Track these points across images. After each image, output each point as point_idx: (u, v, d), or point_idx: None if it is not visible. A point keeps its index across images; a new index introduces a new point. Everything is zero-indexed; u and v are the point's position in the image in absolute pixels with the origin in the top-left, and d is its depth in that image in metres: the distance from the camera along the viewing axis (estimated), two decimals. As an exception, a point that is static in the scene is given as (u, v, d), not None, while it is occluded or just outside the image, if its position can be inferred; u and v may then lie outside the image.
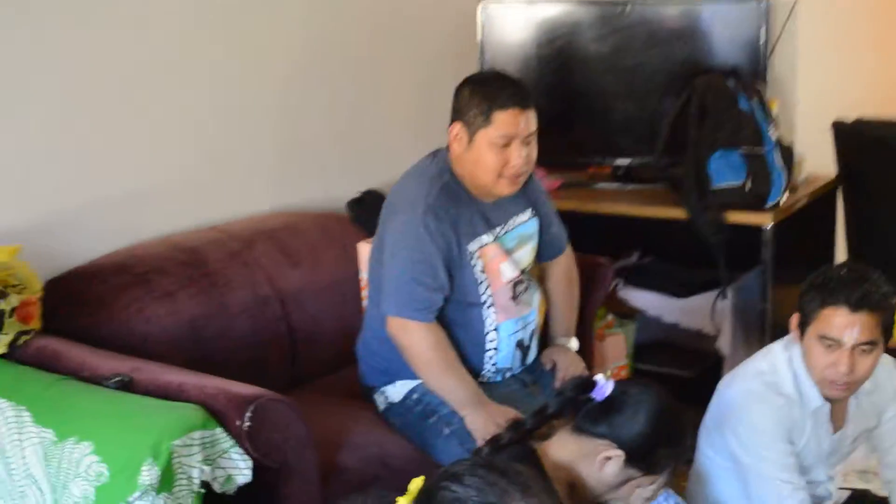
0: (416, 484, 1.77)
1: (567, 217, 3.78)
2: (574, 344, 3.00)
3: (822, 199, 4.03)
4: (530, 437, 2.25)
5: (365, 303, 3.15)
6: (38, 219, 2.82)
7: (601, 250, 3.63)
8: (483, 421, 2.57)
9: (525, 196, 2.89)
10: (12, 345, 2.52)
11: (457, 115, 2.71)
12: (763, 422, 2.58)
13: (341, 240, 3.36)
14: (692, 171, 3.60)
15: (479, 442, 2.51)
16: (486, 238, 2.75)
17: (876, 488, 2.95)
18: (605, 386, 2.20)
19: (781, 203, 3.64)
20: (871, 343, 2.48)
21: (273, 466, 2.32)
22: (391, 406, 2.81)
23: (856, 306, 2.45)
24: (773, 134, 3.64)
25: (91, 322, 2.72)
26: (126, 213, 3.05)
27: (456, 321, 2.74)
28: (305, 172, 3.61)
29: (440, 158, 2.79)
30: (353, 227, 3.46)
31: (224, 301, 2.94)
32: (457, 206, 2.71)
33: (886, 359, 2.79)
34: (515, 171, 2.68)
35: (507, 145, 2.66)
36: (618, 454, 2.16)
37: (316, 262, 3.25)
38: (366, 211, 3.51)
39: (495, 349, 2.78)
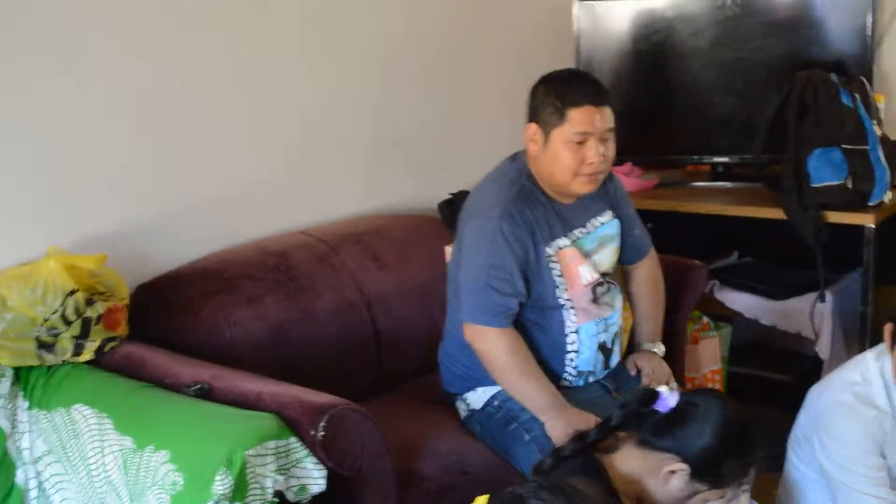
0: (481, 501, 1.76)
1: (664, 216, 3.76)
2: (660, 349, 2.94)
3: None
4: (596, 449, 2.21)
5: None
6: (129, 225, 2.88)
7: (699, 250, 3.57)
8: (563, 427, 2.53)
9: (605, 197, 2.85)
10: (99, 351, 2.58)
11: (532, 114, 2.69)
12: (852, 434, 2.50)
13: (431, 242, 3.35)
14: (791, 170, 3.50)
15: None
16: (563, 241, 2.72)
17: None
18: (669, 398, 2.15)
19: (886, 202, 3.51)
20: None
21: (348, 476, 2.33)
22: (473, 413, 2.79)
23: None
24: (877, 130, 3.51)
25: (178, 327, 2.77)
26: (216, 218, 3.09)
27: (535, 324, 2.72)
28: (398, 173, 3.63)
29: (519, 160, 2.76)
30: (444, 229, 3.45)
31: (310, 305, 2.96)
32: (534, 210, 2.68)
33: None
34: (593, 169, 2.65)
35: (582, 143, 2.62)
36: (683, 468, 2.11)
37: (403, 265, 3.25)
38: (456, 213, 3.49)
39: (576, 351, 2.74)
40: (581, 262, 2.73)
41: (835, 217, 3.51)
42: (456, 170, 3.71)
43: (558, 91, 2.64)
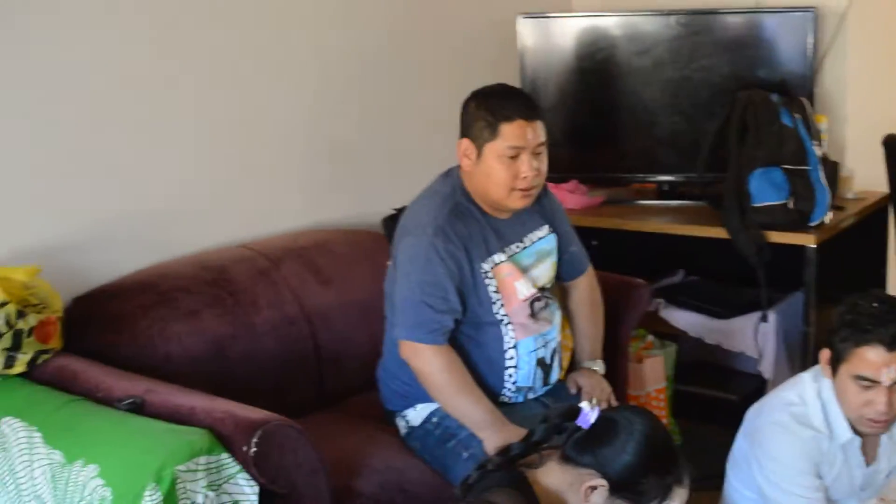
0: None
1: (610, 234, 3.77)
2: (600, 367, 2.93)
3: (872, 218, 3.91)
4: (521, 464, 2.18)
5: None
6: (65, 237, 2.83)
7: (645, 268, 3.57)
8: (500, 442, 2.51)
9: (542, 212, 2.85)
10: (31, 364, 2.53)
11: (465, 130, 2.69)
12: (789, 454, 2.51)
13: (373, 257, 3.32)
14: (732, 189, 3.52)
15: None
16: (499, 256, 2.71)
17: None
18: (589, 413, 2.13)
19: (826, 222, 3.54)
20: None
21: (281, 492, 2.30)
22: (412, 430, 2.77)
23: (892, 345, 2.37)
24: (817, 150, 3.54)
25: (113, 341, 2.72)
26: (154, 230, 3.05)
27: (473, 339, 2.70)
28: (340, 188, 3.60)
29: (453, 176, 2.75)
30: (387, 245, 3.41)
31: (249, 320, 2.92)
32: (468, 226, 2.67)
33: None
34: (527, 184, 2.64)
35: (515, 157, 2.62)
36: (602, 483, 2.09)
37: (345, 280, 3.22)
38: (400, 228, 3.49)
39: (515, 367, 2.73)
40: (518, 277, 2.72)
41: (776, 237, 3.53)
42: (399, 185, 3.67)
43: (490, 106, 2.64)
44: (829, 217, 3.54)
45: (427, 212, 2.68)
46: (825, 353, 2.52)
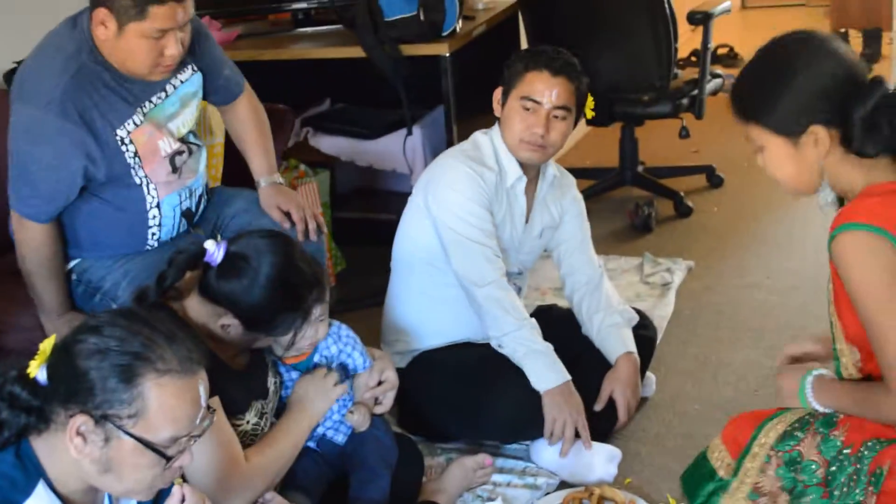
0: (48, 343, 1.66)
1: (250, 67, 3.61)
2: (279, 178, 2.86)
3: (502, 25, 4.03)
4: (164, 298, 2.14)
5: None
6: None
7: (290, 99, 3.52)
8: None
9: (188, 52, 2.62)
10: None
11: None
12: (461, 182, 2.66)
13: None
14: (364, 6, 3.52)
15: None
16: (137, 119, 2.53)
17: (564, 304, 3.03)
18: (215, 252, 2.11)
19: (458, 30, 3.61)
20: (566, 109, 2.65)
21: None
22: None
23: (556, 72, 2.63)
24: (441, -41, 3.58)
25: None
26: None
27: (112, 204, 2.56)
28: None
29: (80, 30, 2.48)
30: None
31: None
32: (96, 91, 2.46)
33: (571, 177, 2.95)
34: (172, 62, 2.47)
35: (161, 37, 2.42)
36: (234, 323, 2.10)
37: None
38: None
39: (158, 225, 2.63)
40: (159, 136, 2.57)
41: (410, 49, 3.57)
42: (15, 35, 3.41)
43: None
44: (459, 25, 3.61)
45: (47, 77, 2.44)
46: (497, 91, 2.71)
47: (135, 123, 2.52)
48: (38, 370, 1.63)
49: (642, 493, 2.52)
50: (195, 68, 2.69)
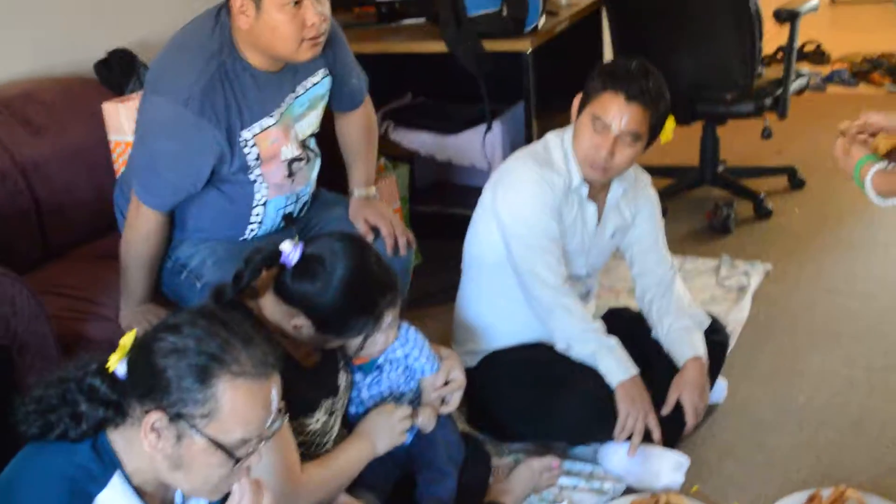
0: (128, 338, 1.71)
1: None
2: (374, 192, 2.90)
3: (585, 22, 4.03)
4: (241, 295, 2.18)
5: (116, 166, 3.03)
6: None
7: (373, 93, 3.53)
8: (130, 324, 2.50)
9: (321, 54, 2.61)
10: None
11: None
12: (528, 184, 2.67)
13: (90, 104, 3.16)
14: (448, 2, 3.53)
15: None
16: (267, 121, 2.55)
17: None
18: (291, 254, 2.14)
19: (540, 27, 3.61)
20: (635, 136, 2.61)
21: (4, 343, 2.22)
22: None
23: (632, 97, 2.57)
24: (527, -43, 3.58)
25: None
26: None
27: (224, 194, 2.61)
28: (41, 35, 3.37)
29: (222, 26, 2.50)
30: (104, 90, 3.28)
31: (-43, 179, 2.77)
32: (233, 91, 2.48)
33: (647, 176, 2.93)
34: (316, 31, 2.45)
35: (298, 3, 2.41)
36: (305, 324, 2.13)
37: (61, 130, 3.07)
38: (114, 72, 3.34)
39: (259, 223, 2.68)
40: (285, 141, 2.60)
41: (493, 45, 3.57)
42: (112, 26, 3.50)
43: None
44: (542, 22, 3.60)
45: (187, 72, 2.46)
46: (578, 97, 2.68)
47: (265, 125, 2.55)
48: (117, 364, 1.69)
49: (709, 502, 2.52)
50: (327, 72, 2.71)
